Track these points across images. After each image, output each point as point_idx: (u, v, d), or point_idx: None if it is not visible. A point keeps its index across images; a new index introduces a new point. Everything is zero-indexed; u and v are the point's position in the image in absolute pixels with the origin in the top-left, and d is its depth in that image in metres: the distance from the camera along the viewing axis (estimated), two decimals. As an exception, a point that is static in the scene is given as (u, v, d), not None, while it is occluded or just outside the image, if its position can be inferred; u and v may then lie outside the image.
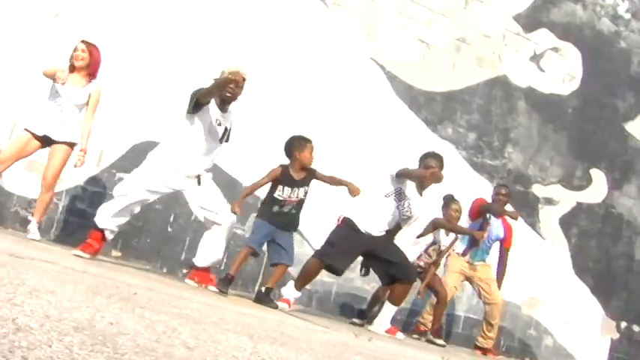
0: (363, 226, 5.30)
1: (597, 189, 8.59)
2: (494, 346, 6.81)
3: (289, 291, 5.27)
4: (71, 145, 5.39)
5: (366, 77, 7.30)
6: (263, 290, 5.04)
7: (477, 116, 7.89)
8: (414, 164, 5.59)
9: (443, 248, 6.26)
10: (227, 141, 5.23)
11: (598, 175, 8.61)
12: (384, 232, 5.36)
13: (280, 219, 5.18)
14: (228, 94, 5.04)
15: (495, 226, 6.68)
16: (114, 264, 5.17)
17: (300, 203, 5.27)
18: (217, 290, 4.84)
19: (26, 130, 5.37)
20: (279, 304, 5.04)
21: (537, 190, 8.14)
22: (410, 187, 5.36)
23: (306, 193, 5.30)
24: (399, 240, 5.62)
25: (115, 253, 6.19)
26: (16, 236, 5.28)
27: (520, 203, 7.89)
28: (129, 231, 6.12)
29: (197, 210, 5.18)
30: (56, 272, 2.94)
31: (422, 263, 6.11)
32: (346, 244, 5.28)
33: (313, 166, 5.38)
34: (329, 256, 5.28)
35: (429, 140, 7.47)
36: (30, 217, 5.51)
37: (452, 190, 6.75)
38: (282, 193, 5.22)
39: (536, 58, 8.24)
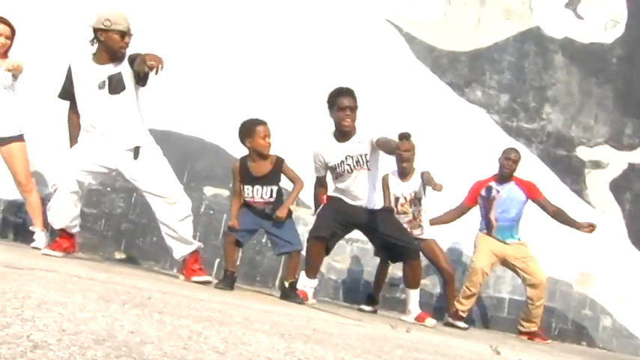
0: (348, 200, 5.41)
1: (651, 147, 8.55)
2: (542, 330, 6.81)
3: (303, 282, 5.32)
4: (21, 138, 5.50)
5: (382, 41, 7.28)
6: (287, 285, 5.08)
7: (508, 75, 7.85)
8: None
9: (410, 197, 6.23)
10: (143, 84, 4.94)
11: (650, 132, 8.57)
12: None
13: (260, 213, 5.14)
14: (123, 51, 4.92)
15: (508, 193, 6.55)
16: (120, 267, 5.23)
17: (269, 205, 5.11)
18: (218, 288, 4.87)
19: None
20: None
21: (582, 152, 8.10)
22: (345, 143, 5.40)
23: (274, 192, 5.11)
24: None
25: (118, 255, 6.27)
26: (8, 245, 5.36)
27: (563, 169, 7.88)
28: (133, 230, 6.21)
29: (146, 196, 5.04)
30: (61, 281, 2.98)
31: (405, 225, 6.10)
32: (332, 213, 5.34)
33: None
34: (320, 230, 5.31)
35: (455, 105, 7.47)
36: (31, 228, 5.58)
37: (484, 160, 6.77)
38: (244, 192, 5.13)
39: (572, 4, 8.17)
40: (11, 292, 2.21)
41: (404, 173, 6.23)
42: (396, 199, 6.21)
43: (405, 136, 6.10)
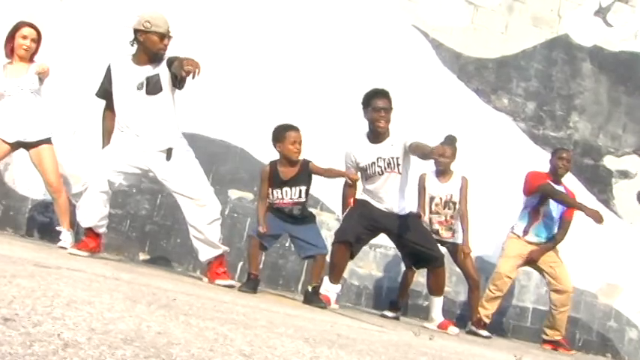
0: (376, 203, 5.43)
1: (679, 157, 8.45)
2: (566, 340, 6.75)
3: (326, 287, 5.33)
4: (49, 141, 5.55)
5: (409, 47, 7.27)
6: (310, 290, 5.09)
7: (535, 83, 7.81)
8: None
9: (446, 198, 6.19)
10: (180, 87, 5.01)
11: (679, 142, 8.47)
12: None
13: (286, 217, 5.15)
14: (162, 53, 4.94)
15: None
16: (144, 268, 5.27)
17: (298, 205, 5.12)
18: (241, 291, 4.87)
19: None
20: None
21: (610, 162, 8.03)
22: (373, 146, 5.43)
23: (302, 193, 5.11)
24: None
25: (142, 255, 6.31)
26: (34, 244, 5.42)
27: (590, 178, 7.82)
28: (157, 231, 6.25)
29: (177, 197, 5.07)
30: (88, 281, 3.01)
31: (437, 226, 6.09)
32: (357, 216, 5.35)
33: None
34: (345, 234, 5.31)
35: (482, 113, 7.44)
36: (58, 228, 5.64)
37: (511, 166, 6.73)
38: (272, 196, 5.14)
39: (602, 12, 8.11)
40: (40, 291, 2.24)
41: (441, 173, 6.21)
42: (431, 199, 6.19)
43: (449, 141, 6.14)
